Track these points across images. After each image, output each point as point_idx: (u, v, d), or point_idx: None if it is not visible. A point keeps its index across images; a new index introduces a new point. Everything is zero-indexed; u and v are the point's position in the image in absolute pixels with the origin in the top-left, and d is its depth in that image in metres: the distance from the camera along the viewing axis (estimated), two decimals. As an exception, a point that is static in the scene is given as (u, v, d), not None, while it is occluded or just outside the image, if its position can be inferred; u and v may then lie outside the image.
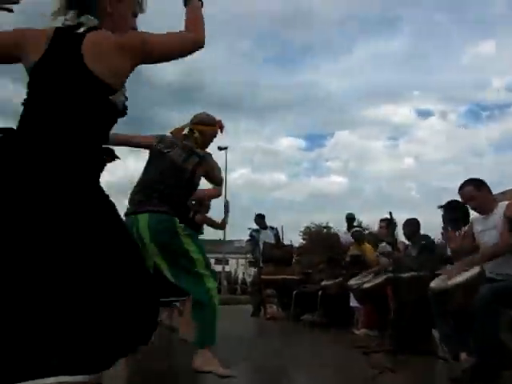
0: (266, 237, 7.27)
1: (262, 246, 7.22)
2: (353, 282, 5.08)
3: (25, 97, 1.23)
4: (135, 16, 1.42)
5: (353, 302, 5.28)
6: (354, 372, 2.97)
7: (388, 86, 68.31)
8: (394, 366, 2.91)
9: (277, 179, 58.58)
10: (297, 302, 6.42)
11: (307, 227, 26.74)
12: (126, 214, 2.40)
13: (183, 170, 2.47)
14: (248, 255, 6.91)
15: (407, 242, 4.91)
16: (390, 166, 57.83)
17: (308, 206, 50.95)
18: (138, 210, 2.37)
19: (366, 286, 4.73)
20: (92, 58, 1.19)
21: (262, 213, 7.67)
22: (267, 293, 6.94)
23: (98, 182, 1.23)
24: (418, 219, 4.69)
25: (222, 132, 2.75)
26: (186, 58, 1.38)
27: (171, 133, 2.63)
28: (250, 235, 7.67)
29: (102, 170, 1.26)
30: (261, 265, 7.23)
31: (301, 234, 26.27)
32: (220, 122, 2.74)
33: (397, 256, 4.22)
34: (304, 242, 23.85)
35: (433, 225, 4.81)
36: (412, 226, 4.68)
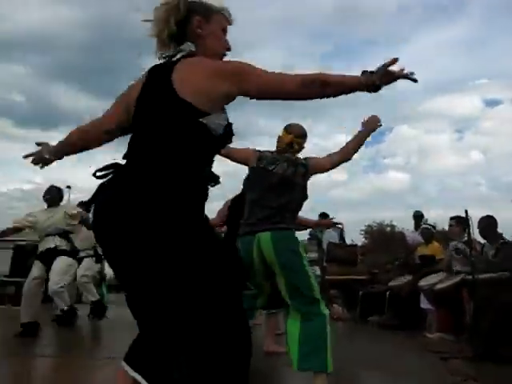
0: (330, 236, 7.15)
1: (325, 246, 7.12)
2: (423, 282, 4.85)
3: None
4: (225, 32, 1.41)
5: (423, 304, 5.05)
6: (430, 378, 2.83)
7: (451, 76, 64.56)
8: (476, 374, 2.73)
9: (334, 177, 57.57)
10: (363, 302, 6.25)
11: (368, 226, 26.11)
12: (241, 234, 2.36)
13: (295, 184, 2.45)
14: (312, 255, 6.81)
15: (482, 241, 4.63)
16: (455, 161, 54.56)
17: (368, 204, 49.52)
18: (258, 229, 2.38)
19: (439, 287, 4.51)
20: (180, 82, 1.21)
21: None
22: (331, 293, 6.83)
23: (203, 208, 1.26)
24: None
25: None
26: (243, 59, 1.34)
27: (278, 147, 2.58)
28: (310, 234, 7.58)
29: (206, 196, 1.28)
30: (324, 265, 7.12)
31: (362, 232, 25.70)
32: None
33: (474, 256, 3.96)
34: (366, 241, 23.29)
35: (506, 222, 4.48)
36: (489, 223, 4.39)
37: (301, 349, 2.19)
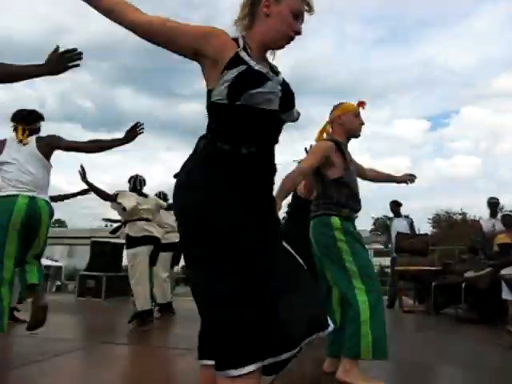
0: (400, 226, 6.93)
1: (393, 236, 6.91)
2: (506, 271, 4.56)
3: None
4: (298, 17, 1.37)
5: (506, 295, 4.74)
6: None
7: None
8: None
9: (398, 164, 55.42)
10: (436, 294, 6.00)
11: (436, 215, 24.95)
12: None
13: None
14: (378, 246, 6.62)
15: None
16: (531, 142, 50.54)
17: (434, 191, 47.29)
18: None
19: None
20: None
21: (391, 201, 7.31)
22: (402, 284, 6.62)
23: (236, 186, 1.36)
24: None
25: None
26: (294, 50, 1.38)
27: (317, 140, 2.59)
28: (374, 224, 7.39)
29: (243, 174, 1.39)
30: (394, 255, 6.91)
31: (429, 221, 24.62)
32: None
33: None
34: (434, 230, 22.28)
35: None
36: None
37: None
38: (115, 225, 5.18)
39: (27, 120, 2.97)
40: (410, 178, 2.96)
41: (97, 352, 3.24)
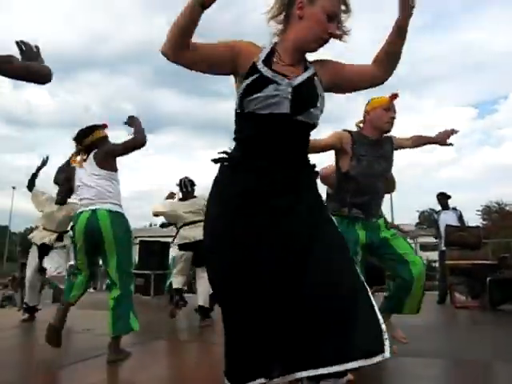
0: (448, 219, 6.66)
1: (441, 229, 6.66)
2: None
3: None
4: (333, 19, 1.34)
5: None
6: None
7: None
8: None
9: (443, 155, 53.46)
10: (492, 289, 5.72)
11: (486, 206, 23.87)
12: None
13: None
14: (424, 239, 6.40)
15: None
16: None
17: (483, 181, 45.21)
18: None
19: None
20: None
21: (433, 194, 7.06)
22: (453, 279, 6.35)
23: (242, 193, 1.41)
24: None
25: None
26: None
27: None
28: (423, 216, 7.16)
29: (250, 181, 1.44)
30: (442, 249, 6.66)
31: (479, 213, 23.61)
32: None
33: None
34: (485, 222, 21.34)
35: None
36: None
37: None
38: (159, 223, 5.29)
39: (77, 140, 3.12)
40: (451, 133, 2.70)
41: (150, 348, 3.33)
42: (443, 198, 6.99)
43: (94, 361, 2.77)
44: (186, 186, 4.77)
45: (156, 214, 4.82)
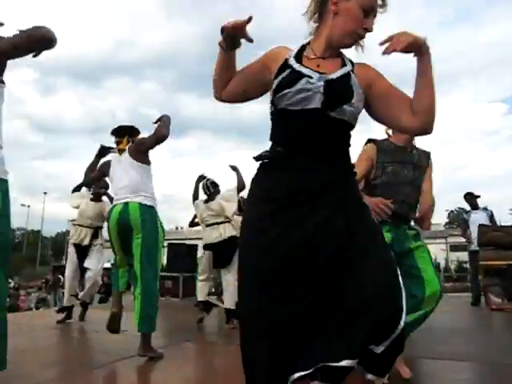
0: (479, 219, 6.49)
1: (472, 228, 6.49)
2: None
3: None
4: (369, 14, 1.30)
5: None
6: None
7: None
8: None
9: (471, 153, 51.98)
10: (528, 290, 5.52)
11: (520, 204, 23.07)
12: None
13: None
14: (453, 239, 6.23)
15: None
16: None
17: (513, 178, 43.39)
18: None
19: None
20: None
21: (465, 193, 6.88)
22: (487, 281, 6.17)
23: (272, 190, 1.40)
24: None
25: None
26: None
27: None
28: (448, 217, 6.99)
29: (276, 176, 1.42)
30: (474, 249, 6.48)
31: (511, 212, 22.85)
32: None
33: None
34: (518, 221, 20.63)
35: None
36: None
37: None
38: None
39: (118, 133, 3.28)
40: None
41: (182, 350, 3.37)
42: (471, 198, 6.82)
43: (131, 360, 2.83)
44: (208, 188, 4.75)
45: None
